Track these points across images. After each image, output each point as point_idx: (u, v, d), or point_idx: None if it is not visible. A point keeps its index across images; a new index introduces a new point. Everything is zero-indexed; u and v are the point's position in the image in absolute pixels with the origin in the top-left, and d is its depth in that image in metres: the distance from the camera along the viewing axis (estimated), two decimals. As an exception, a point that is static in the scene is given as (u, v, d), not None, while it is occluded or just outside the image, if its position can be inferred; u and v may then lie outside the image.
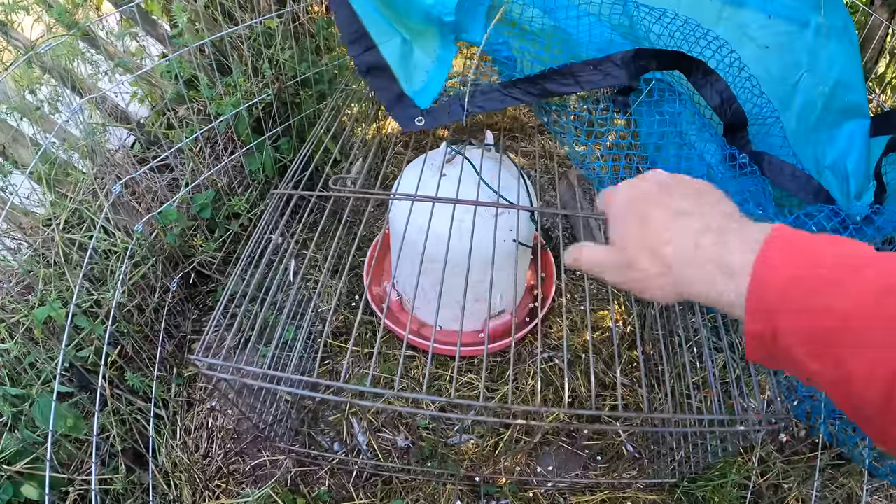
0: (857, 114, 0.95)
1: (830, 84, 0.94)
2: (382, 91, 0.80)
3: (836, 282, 0.27)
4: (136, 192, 1.06)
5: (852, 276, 0.27)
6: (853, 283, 0.26)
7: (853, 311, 0.26)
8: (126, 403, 0.93)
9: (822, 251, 0.29)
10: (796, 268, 0.28)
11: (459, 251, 0.73)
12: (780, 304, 0.28)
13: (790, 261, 0.29)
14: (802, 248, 0.29)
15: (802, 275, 0.28)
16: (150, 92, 1.15)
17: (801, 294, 0.28)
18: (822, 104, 0.95)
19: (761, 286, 0.29)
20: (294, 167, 0.82)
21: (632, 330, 1.13)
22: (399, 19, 0.80)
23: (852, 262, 0.28)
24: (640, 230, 0.37)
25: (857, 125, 0.95)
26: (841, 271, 0.27)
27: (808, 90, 0.94)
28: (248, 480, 0.90)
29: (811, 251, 0.29)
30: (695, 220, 0.35)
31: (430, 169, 0.86)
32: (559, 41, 0.77)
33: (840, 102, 0.95)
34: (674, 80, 0.84)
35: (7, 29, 1.09)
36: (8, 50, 1.12)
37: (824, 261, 0.28)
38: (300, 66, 1.08)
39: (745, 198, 0.77)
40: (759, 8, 0.92)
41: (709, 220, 0.34)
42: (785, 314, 0.28)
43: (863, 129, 0.95)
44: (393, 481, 0.90)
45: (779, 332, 0.28)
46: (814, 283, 0.27)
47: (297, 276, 0.92)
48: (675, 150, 0.83)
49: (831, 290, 0.27)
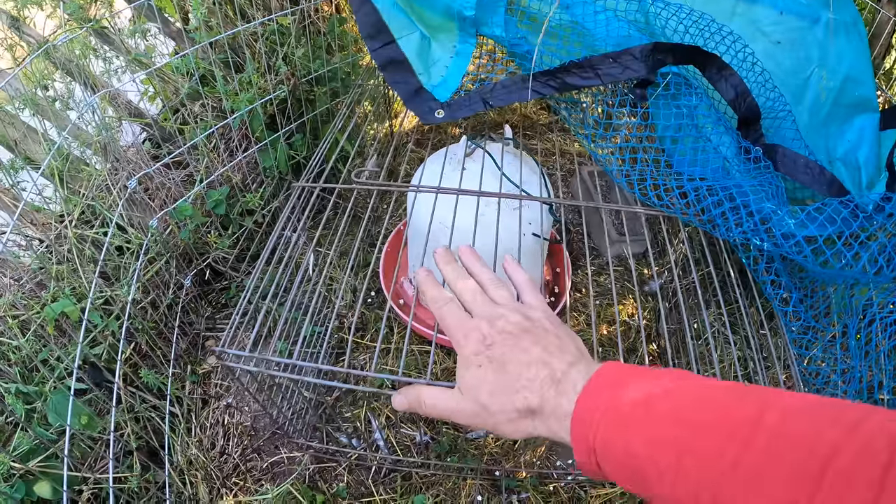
0: (867, 108, 0.97)
1: (840, 79, 0.96)
2: (400, 84, 0.81)
3: (635, 422, 0.32)
4: (149, 188, 1.06)
5: (646, 418, 0.31)
6: (646, 428, 0.31)
7: (647, 451, 0.30)
8: (140, 401, 0.93)
9: (623, 393, 0.33)
10: (603, 410, 0.33)
11: (482, 244, 0.74)
12: (596, 446, 0.33)
13: (598, 404, 0.34)
14: (610, 385, 0.35)
15: (610, 412, 0.33)
16: (162, 88, 1.16)
17: (604, 436, 0.32)
18: (832, 98, 0.97)
19: (580, 434, 0.34)
20: (313, 162, 0.83)
21: (646, 324, 1.14)
22: (418, 15, 0.81)
23: (647, 408, 0.32)
24: (497, 378, 0.38)
25: (867, 119, 0.97)
26: (638, 410, 0.32)
27: (821, 84, 0.95)
28: (265, 477, 0.90)
29: (616, 390, 0.34)
30: (543, 368, 0.37)
31: (450, 163, 0.87)
32: (577, 36, 0.79)
33: (850, 97, 0.96)
34: (689, 75, 0.85)
35: (20, 24, 1.10)
36: (21, 45, 1.12)
37: (623, 406, 0.33)
38: (314, 63, 1.09)
39: (764, 191, 0.78)
40: (771, 4, 0.94)
41: (555, 368, 0.37)
42: (600, 454, 0.33)
43: (873, 122, 0.97)
44: (412, 476, 0.90)
45: (602, 468, 0.33)
46: (613, 429, 0.32)
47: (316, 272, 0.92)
48: (691, 142, 0.85)
49: (633, 432, 0.31)
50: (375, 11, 0.79)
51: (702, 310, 1.01)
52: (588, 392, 0.34)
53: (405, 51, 0.79)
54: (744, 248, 0.77)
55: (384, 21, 0.79)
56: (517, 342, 0.39)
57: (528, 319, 0.42)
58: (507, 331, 0.40)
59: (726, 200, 0.74)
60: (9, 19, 1.12)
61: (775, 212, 0.73)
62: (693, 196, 0.76)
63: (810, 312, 0.80)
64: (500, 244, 0.75)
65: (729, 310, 0.90)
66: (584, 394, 0.34)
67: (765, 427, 0.27)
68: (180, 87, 1.04)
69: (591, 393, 0.34)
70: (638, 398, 0.32)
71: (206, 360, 1.05)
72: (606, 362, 0.37)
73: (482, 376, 0.39)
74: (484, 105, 0.76)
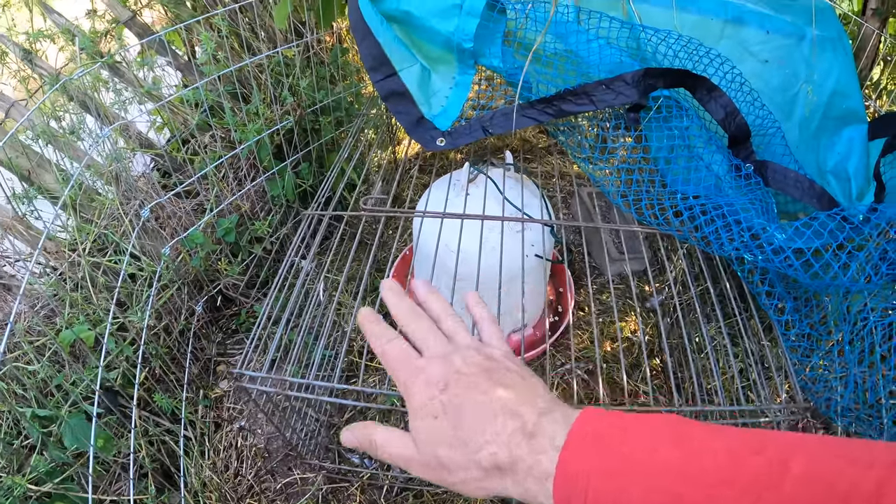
0: (855, 119, 1.03)
1: (828, 92, 1.02)
2: (402, 115, 0.88)
3: (634, 484, 0.29)
4: (160, 216, 1.12)
5: (646, 478, 0.29)
6: (647, 491, 0.29)
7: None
8: (154, 424, 0.98)
9: (614, 449, 0.30)
10: (591, 472, 0.30)
11: (486, 266, 0.80)
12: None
13: (585, 465, 0.30)
14: (596, 439, 0.31)
15: (599, 474, 0.30)
16: (171, 119, 1.23)
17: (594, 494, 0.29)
18: (821, 112, 1.03)
19: (565, 499, 0.30)
20: (321, 191, 0.89)
21: (649, 340, 1.19)
22: (419, 48, 0.88)
23: (645, 467, 0.29)
24: (456, 432, 0.34)
25: (855, 130, 1.03)
26: (636, 469, 0.29)
27: (808, 99, 1.02)
28: (279, 498, 0.94)
29: (604, 446, 0.31)
30: (511, 419, 0.33)
31: (454, 188, 0.94)
32: (572, 64, 0.85)
33: (838, 110, 1.02)
34: (680, 97, 0.91)
35: (32, 57, 1.18)
36: (33, 78, 1.20)
37: (614, 464, 0.30)
38: (318, 93, 1.16)
39: (755, 208, 0.84)
40: (758, 25, 1.00)
41: (525, 419, 0.33)
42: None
43: (861, 133, 1.02)
44: (424, 495, 0.94)
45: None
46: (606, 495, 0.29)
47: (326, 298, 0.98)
48: (684, 162, 0.90)
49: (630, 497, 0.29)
50: (377, 45, 0.86)
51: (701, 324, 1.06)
52: (571, 448, 0.30)
53: (406, 82, 0.86)
54: (738, 262, 0.82)
55: (386, 54, 0.86)
56: (476, 384, 0.35)
57: (489, 358, 0.37)
58: (463, 371, 0.35)
59: (718, 218, 0.79)
60: (22, 52, 1.20)
61: (765, 228, 0.79)
62: (687, 214, 0.82)
63: (805, 321, 0.85)
64: (505, 266, 0.81)
65: (728, 323, 0.96)
66: (567, 450, 0.30)
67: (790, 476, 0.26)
68: (189, 118, 1.11)
69: (575, 449, 0.30)
70: (633, 454, 0.29)
71: (217, 385, 1.10)
72: (585, 409, 0.33)
73: (438, 428, 0.34)
74: (484, 132, 0.82)
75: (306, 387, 0.70)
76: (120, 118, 1.14)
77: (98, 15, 1.34)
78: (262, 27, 1.23)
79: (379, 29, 0.85)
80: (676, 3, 0.97)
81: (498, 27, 0.85)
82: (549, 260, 0.98)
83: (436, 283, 1.01)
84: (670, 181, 0.89)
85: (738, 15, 0.98)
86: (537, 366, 1.09)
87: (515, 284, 0.86)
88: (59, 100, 1.14)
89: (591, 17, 0.87)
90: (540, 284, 1.04)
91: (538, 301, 1.07)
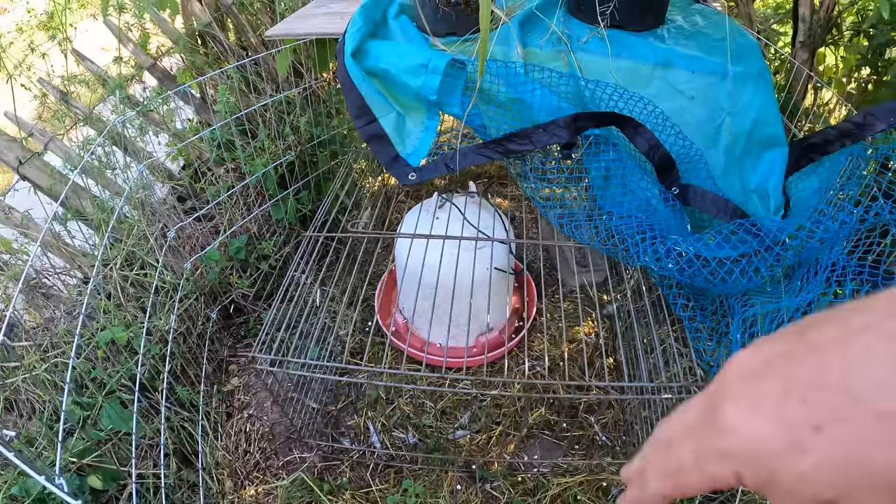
0: (775, 143, 1.24)
1: (751, 121, 1.23)
2: (381, 154, 1.12)
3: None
4: (180, 237, 1.38)
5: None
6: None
7: None
8: (174, 413, 1.21)
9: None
10: None
11: (450, 278, 1.03)
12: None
13: None
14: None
15: None
16: (185, 152, 1.49)
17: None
18: (744, 139, 1.25)
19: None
20: (319, 215, 1.13)
21: (605, 342, 1.41)
22: (395, 98, 1.12)
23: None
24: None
25: (776, 153, 1.24)
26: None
27: (731, 129, 1.24)
28: (281, 472, 1.17)
29: None
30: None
31: (426, 214, 1.18)
32: (517, 109, 1.09)
33: (760, 136, 1.24)
34: (611, 135, 1.15)
35: (68, 98, 1.45)
36: (69, 116, 1.47)
37: None
38: (315, 129, 1.41)
39: (670, 224, 1.07)
40: (685, 66, 1.23)
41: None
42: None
43: (781, 155, 1.24)
44: (403, 471, 1.17)
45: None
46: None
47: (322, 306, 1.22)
48: (620, 189, 1.14)
49: None
50: (360, 97, 1.11)
51: (651, 328, 1.28)
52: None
53: (385, 127, 1.10)
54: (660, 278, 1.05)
55: (368, 104, 1.11)
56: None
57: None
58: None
59: (637, 234, 1.02)
60: (58, 93, 1.47)
61: (677, 242, 1.02)
62: (616, 230, 1.05)
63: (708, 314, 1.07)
64: (467, 277, 1.04)
65: (678, 328, 1.17)
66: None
67: None
68: (206, 152, 1.36)
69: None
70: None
71: (230, 381, 1.34)
72: None
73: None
74: (446, 168, 1.06)
75: (313, 366, 0.94)
76: (144, 152, 1.41)
77: (124, 61, 1.63)
78: (266, 71, 1.49)
79: (362, 84, 1.10)
80: (612, 51, 1.20)
81: (458, 82, 1.09)
82: (507, 272, 1.21)
83: (407, 291, 1.24)
84: (603, 204, 1.12)
85: (667, 59, 1.21)
86: (501, 365, 1.31)
87: (480, 292, 1.10)
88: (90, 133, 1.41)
89: (535, 70, 1.11)
90: (503, 294, 1.27)
91: (502, 308, 1.30)
